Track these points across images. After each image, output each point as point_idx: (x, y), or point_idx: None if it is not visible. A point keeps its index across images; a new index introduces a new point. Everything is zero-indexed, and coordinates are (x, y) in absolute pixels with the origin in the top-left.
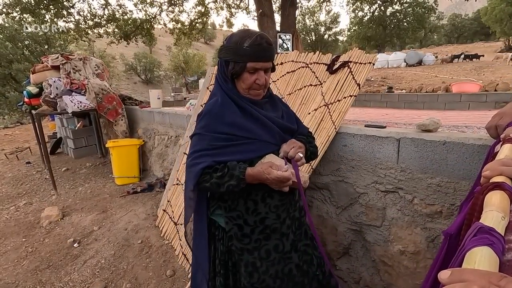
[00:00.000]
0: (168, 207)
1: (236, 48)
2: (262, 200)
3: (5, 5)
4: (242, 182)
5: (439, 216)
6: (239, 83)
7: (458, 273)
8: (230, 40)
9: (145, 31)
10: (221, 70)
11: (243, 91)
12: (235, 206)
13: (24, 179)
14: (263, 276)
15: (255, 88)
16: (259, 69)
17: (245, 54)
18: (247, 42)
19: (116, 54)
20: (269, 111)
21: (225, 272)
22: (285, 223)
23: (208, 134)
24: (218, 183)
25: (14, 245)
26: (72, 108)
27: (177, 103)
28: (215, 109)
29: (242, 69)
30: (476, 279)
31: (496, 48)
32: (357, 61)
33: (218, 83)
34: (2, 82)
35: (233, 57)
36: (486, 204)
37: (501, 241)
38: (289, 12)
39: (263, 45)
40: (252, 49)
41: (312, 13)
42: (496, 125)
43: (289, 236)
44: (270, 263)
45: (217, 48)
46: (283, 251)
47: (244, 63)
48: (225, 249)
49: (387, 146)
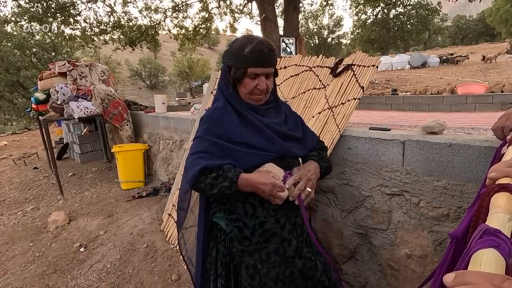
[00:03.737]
0: (173, 211)
1: (238, 54)
2: (260, 204)
3: (13, 14)
4: (234, 185)
5: (446, 219)
6: (241, 88)
7: (462, 276)
8: (232, 46)
9: (150, 37)
10: (223, 75)
11: (244, 96)
12: (234, 209)
13: (32, 184)
14: (264, 279)
15: (256, 93)
16: (259, 75)
17: (246, 59)
18: (248, 48)
19: (122, 60)
20: (271, 118)
21: (226, 274)
22: (285, 228)
23: (207, 137)
24: (212, 183)
25: (22, 249)
26: (78, 114)
27: (182, 108)
28: (215, 114)
29: (243, 74)
30: (479, 282)
31: (502, 49)
32: (361, 64)
33: (220, 88)
34: (10, 89)
35: (234, 63)
36: (492, 206)
37: (507, 243)
38: (292, 16)
39: (264, 51)
40: (252, 55)
41: (315, 17)
42: (502, 127)
43: (292, 242)
44: (271, 265)
45: (221, 53)
46: (284, 255)
47: (245, 68)
48: (226, 251)
49: (392, 149)
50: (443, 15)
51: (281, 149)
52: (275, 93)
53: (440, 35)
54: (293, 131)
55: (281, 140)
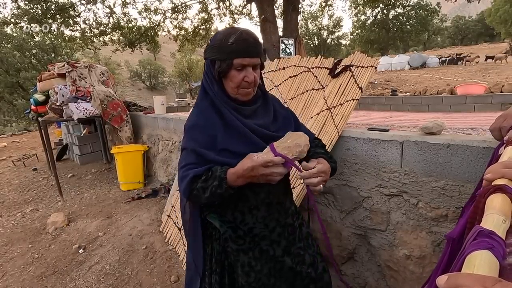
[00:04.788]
0: (172, 212)
1: (221, 45)
2: (249, 211)
3: (13, 15)
4: (224, 182)
5: (445, 220)
6: (227, 82)
7: (454, 278)
8: (215, 38)
9: (150, 38)
10: (207, 71)
11: (231, 90)
12: (225, 214)
13: (31, 185)
14: (259, 275)
15: (244, 86)
16: (246, 66)
17: (231, 50)
18: (232, 38)
19: (121, 61)
20: (259, 118)
21: (221, 270)
22: (274, 231)
23: (193, 149)
24: (203, 187)
25: (21, 251)
26: (77, 115)
27: (181, 109)
28: (198, 121)
29: (229, 66)
30: (471, 284)
31: (501, 49)
32: (359, 64)
33: (204, 87)
34: (10, 90)
35: (218, 55)
36: (487, 207)
37: (501, 245)
38: (291, 17)
39: (249, 40)
40: (237, 44)
41: (315, 18)
42: (500, 127)
43: (281, 243)
44: (264, 261)
45: None
46: (274, 255)
47: (231, 59)
48: (221, 249)
49: (391, 150)
50: (443, 15)
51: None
52: (263, 87)
53: (439, 35)
54: (282, 130)
55: (264, 142)
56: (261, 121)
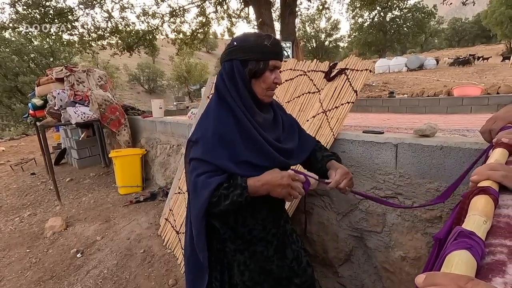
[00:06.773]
0: (170, 216)
1: (257, 45)
2: (252, 215)
3: (11, 20)
4: (245, 190)
5: (439, 221)
6: (259, 83)
7: (431, 277)
8: (246, 40)
9: (148, 42)
10: (237, 72)
11: (261, 91)
12: (227, 216)
13: (29, 190)
14: (252, 273)
15: (272, 88)
16: (276, 68)
17: (268, 51)
18: (266, 40)
19: (120, 65)
20: (272, 131)
21: (221, 268)
22: (270, 232)
23: (209, 160)
24: (225, 194)
25: (18, 256)
26: (76, 119)
27: (180, 112)
28: (214, 130)
29: (265, 67)
30: (446, 283)
31: (498, 51)
32: (354, 68)
33: (219, 93)
34: (8, 95)
35: (254, 56)
36: (471, 208)
37: (480, 245)
38: (289, 20)
39: (280, 44)
40: (273, 46)
41: (312, 21)
42: (490, 129)
43: (273, 243)
44: (256, 260)
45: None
46: (268, 255)
47: (267, 60)
48: (220, 248)
49: (385, 152)
50: (439, 17)
51: (280, 164)
52: None
53: (436, 37)
54: (289, 140)
55: (280, 156)
56: (274, 135)
